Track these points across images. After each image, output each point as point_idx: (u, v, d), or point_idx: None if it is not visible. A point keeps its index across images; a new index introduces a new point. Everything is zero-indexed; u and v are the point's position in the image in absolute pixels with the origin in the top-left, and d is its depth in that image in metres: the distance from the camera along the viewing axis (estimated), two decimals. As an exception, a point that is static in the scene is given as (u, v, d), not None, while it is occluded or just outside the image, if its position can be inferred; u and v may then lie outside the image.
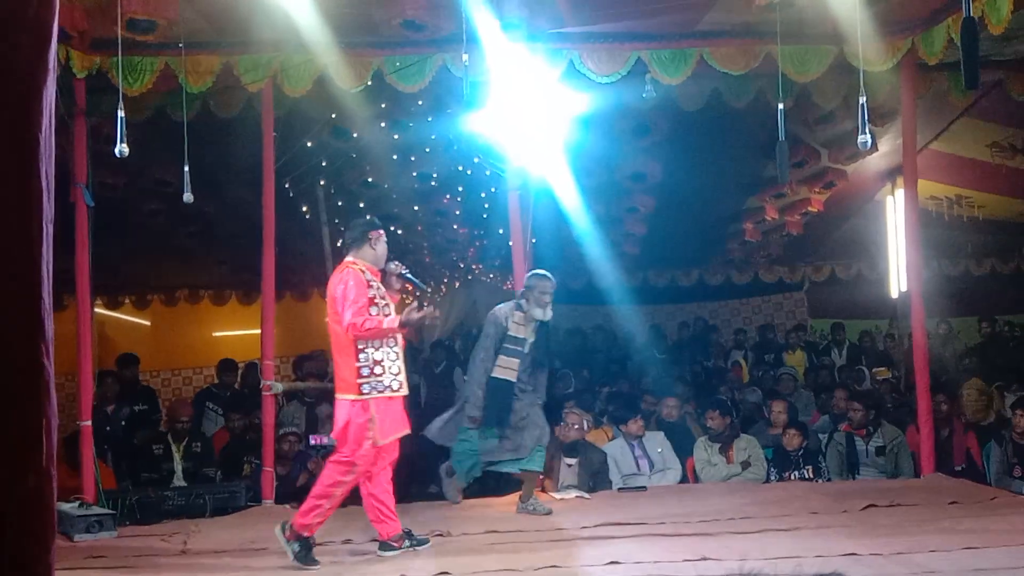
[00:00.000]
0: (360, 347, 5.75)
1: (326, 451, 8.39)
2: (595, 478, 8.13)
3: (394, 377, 5.83)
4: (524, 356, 7.11)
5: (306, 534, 5.71)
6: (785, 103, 7.06)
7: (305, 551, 5.68)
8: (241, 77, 7.64)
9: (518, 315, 7.09)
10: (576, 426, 8.15)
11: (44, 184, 1.97)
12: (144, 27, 7.12)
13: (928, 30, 7.39)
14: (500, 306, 7.24)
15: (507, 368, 7.04)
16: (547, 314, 7.09)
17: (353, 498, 6.01)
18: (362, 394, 5.74)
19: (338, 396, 5.88)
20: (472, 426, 7.10)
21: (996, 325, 12.77)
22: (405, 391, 5.94)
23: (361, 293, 5.72)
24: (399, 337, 5.93)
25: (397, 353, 5.90)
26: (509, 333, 7.05)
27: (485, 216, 10.91)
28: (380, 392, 5.77)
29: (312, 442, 8.65)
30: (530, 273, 7.30)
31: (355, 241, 6.02)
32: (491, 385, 7.00)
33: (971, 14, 4.08)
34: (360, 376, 5.75)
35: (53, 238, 2.06)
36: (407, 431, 6.06)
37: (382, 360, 5.79)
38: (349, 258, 5.98)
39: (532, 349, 7.14)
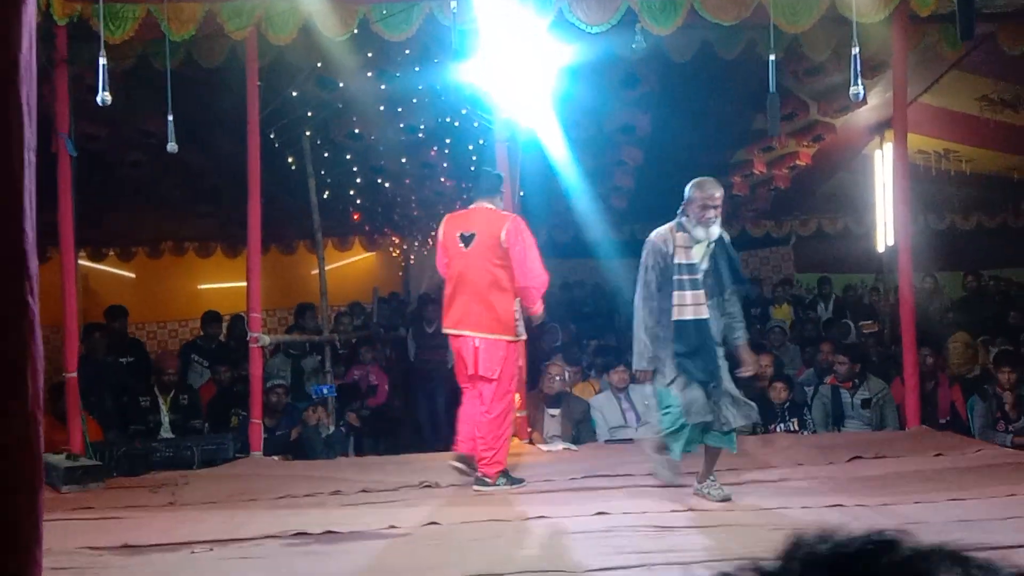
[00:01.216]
0: (513, 294, 6.42)
1: (323, 400, 8.50)
2: (578, 427, 8.24)
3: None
4: (705, 286, 5.72)
5: (502, 468, 6.35)
6: (776, 55, 6.99)
7: (510, 478, 6.36)
8: (225, 24, 7.51)
9: (680, 236, 5.68)
10: (558, 377, 8.26)
11: (25, 108, 1.86)
12: (126, -27, 6.99)
13: (921, -19, 7.32)
14: (657, 229, 5.83)
15: (692, 305, 5.64)
16: (711, 232, 5.65)
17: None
18: (517, 336, 6.46)
19: (488, 336, 6.33)
20: (645, 380, 5.95)
21: (982, 279, 12.82)
22: None
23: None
24: None
25: None
26: (676, 260, 5.65)
27: (473, 169, 10.81)
28: (521, 336, 6.57)
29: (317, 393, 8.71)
30: (690, 183, 5.83)
31: (491, 190, 6.58)
32: (680, 331, 5.64)
33: (968, -38, 4.02)
34: (515, 320, 6.40)
35: (36, 187, 1.97)
36: None
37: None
38: (486, 204, 6.49)
39: (709, 278, 5.72)
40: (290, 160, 9.93)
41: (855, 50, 6.08)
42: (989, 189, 13.31)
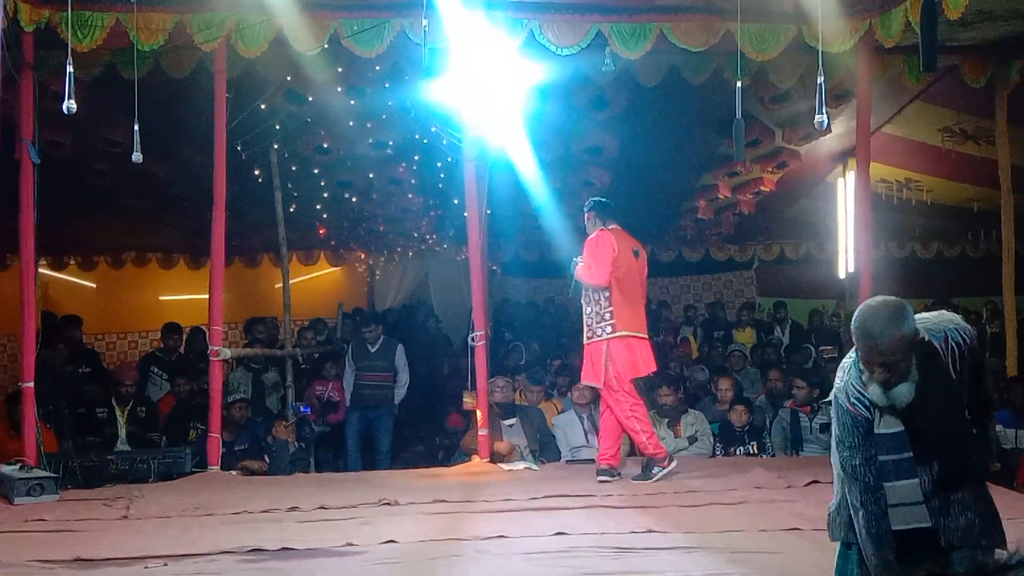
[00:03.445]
0: None
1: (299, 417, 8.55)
2: (540, 432, 8.40)
3: None
4: (914, 467, 3.31)
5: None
6: (743, 81, 7.07)
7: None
8: (194, 36, 7.48)
9: (874, 389, 3.31)
10: (498, 390, 8.42)
11: None
12: (95, -19, 6.95)
13: (886, 12, 7.44)
14: (843, 366, 3.48)
15: (905, 506, 3.29)
16: (895, 397, 3.26)
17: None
18: None
19: (646, 337, 7.38)
20: None
21: (958, 308, 13.03)
22: None
23: None
24: None
25: None
26: (879, 431, 3.32)
27: (441, 186, 10.83)
28: None
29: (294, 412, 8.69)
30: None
31: (617, 215, 7.45)
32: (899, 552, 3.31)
33: (931, -4, 4.10)
34: None
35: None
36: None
37: None
38: (618, 226, 7.37)
39: (915, 438, 3.31)
40: (257, 173, 9.89)
41: (820, 79, 6.16)
42: (949, 219, 13.51)
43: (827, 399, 3.62)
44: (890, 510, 3.29)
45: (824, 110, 6.09)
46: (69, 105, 6.09)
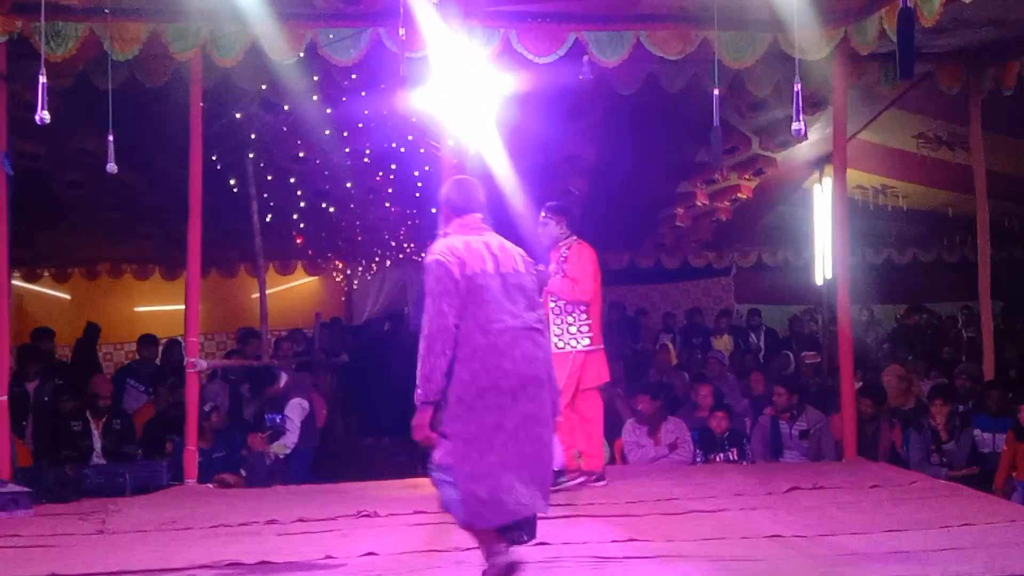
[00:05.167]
0: None
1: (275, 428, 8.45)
2: None
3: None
4: None
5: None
6: (719, 89, 7.08)
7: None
8: (169, 46, 7.42)
9: None
10: None
11: None
12: (68, -9, 6.88)
13: (861, 20, 7.47)
14: None
15: None
16: None
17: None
18: None
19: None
20: None
21: (922, 313, 13.12)
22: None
23: None
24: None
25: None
26: None
27: (418, 195, 10.81)
28: None
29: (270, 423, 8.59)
30: None
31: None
32: None
33: (907, 3, 4.12)
34: None
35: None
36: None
37: None
38: None
39: None
40: (233, 182, 9.83)
41: (797, 86, 6.18)
42: (925, 224, 13.60)
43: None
44: None
45: (801, 117, 6.11)
46: (43, 116, 6.03)
